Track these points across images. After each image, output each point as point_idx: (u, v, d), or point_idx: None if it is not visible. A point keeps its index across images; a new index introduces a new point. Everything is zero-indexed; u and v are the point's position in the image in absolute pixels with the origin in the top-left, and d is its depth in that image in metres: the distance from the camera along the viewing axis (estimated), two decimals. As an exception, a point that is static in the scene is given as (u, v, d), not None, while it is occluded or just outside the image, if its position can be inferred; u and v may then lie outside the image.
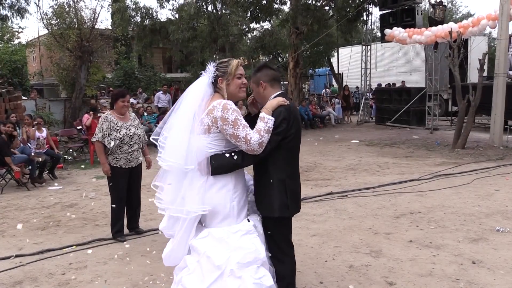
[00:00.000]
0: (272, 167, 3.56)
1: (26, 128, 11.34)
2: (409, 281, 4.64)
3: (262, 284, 3.35)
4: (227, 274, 3.34)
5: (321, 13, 22.82)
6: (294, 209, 3.67)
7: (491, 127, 13.84)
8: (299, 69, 23.55)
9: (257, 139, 3.33)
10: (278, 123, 3.45)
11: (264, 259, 3.45)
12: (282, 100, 3.53)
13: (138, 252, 5.72)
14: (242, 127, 3.33)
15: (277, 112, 3.48)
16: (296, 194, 3.71)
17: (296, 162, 3.76)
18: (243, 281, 3.32)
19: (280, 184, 3.56)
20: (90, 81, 19.94)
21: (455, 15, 49.93)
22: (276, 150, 3.50)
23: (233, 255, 3.36)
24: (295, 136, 3.59)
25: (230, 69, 3.54)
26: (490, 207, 7.24)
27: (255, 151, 3.37)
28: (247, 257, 3.36)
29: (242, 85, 3.60)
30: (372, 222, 6.64)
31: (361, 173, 10.28)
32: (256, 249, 3.40)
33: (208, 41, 23.22)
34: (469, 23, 15.71)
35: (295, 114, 3.62)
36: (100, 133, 6.21)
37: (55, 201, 8.75)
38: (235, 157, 3.42)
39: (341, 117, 22.59)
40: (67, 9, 18.87)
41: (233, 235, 3.40)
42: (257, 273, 3.38)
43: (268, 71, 3.72)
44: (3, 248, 6.12)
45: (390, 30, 18.65)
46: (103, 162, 6.27)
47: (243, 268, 3.34)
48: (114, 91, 7.00)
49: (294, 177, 3.70)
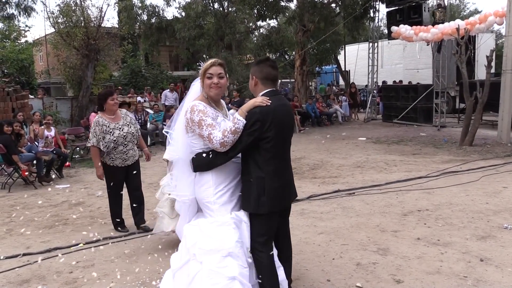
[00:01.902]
0: (252, 166, 3.69)
1: (34, 126, 11.37)
2: (416, 279, 4.62)
3: (219, 273, 3.53)
4: (192, 258, 3.67)
5: (328, 10, 22.79)
6: (271, 206, 3.68)
7: (498, 124, 13.76)
8: (306, 66, 23.56)
9: (219, 139, 3.52)
10: (251, 124, 3.56)
11: (232, 250, 3.58)
12: (260, 101, 3.61)
13: (146, 250, 5.73)
14: (206, 127, 3.57)
15: (251, 113, 3.59)
16: (277, 192, 3.71)
17: (279, 162, 3.74)
18: (203, 266, 3.58)
19: (259, 182, 3.66)
20: (96, 79, 20.00)
21: (462, 12, 49.73)
22: (255, 150, 3.65)
23: (199, 241, 3.65)
24: (274, 138, 3.62)
25: (202, 69, 3.78)
26: (498, 205, 7.20)
27: (218, 149, 3.57)
28: (210, 245, 3.59)
29: (212, 84, 3.75)
30: (379, 220, 6.63)
31: (368, 171, 10.25)
32: (222, 239, 3.59)
33: (215, 39, 23.20)
34: (476, 20, 15.62)
35: (278, 116, 3.63)
36: (94, 138, 6.32)
37: (62, 200, 8.78)
38: (210, 156, 3.65)
39: (348, 114, 22.52)
40: (73, 7, 18.92)
41: (209, 224, 3.68)
42: (220, 262, 3.56)
43: (265, 68, 3.78)
44: (11, 246, 6.15)
45: (396, 28, 18.58)
46: (97, 166, 6.43)
47: (205, 254, 3.59)
48: (101, 92, 7.04)
49: (276, 176, 3.70)
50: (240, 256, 3.62)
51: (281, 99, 3.83)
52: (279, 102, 3.70)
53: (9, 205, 8.51)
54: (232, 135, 3.52)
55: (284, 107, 3.77)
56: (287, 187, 3.86)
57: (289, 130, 3.85)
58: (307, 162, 11.62)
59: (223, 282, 3.52)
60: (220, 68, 3.78)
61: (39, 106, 17.22)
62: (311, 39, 24.66)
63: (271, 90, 3.76)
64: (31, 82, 25.29)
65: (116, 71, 27.77)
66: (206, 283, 3.54)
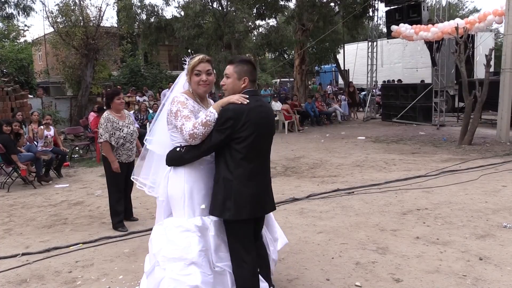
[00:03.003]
0: (222, 166, 3.53)
1: (33, 126, 11.36)
2: (416, 278, 4.62)
3: (180, 281, 3.47)
4: (156, 264, 3.66)
5: (327, 9, 22.80)
6: (237, 213, 3.47)
7: (498, 123, 13.77)
8: (305, 65, 23.57)
9: (188, 129, 3.41)
10: (223, 121, 3.41)
11: (195, 260, 3.50)
12: (236, 98, 3.45)
13: (145, 250, 5.70)
14: (181, 117, 3.49)
15: (224, 109, 3.44)
16: (245, 199, 3.49)
17: (252, 166, 3.52)
18: (166, 273, 3.55)
19: (226, 185, 3.49)
20: (96, 79, 20.01)
21: (461, 11, 49.73)
22: (226, 149, 3.49)
23: (164, 247, 3.61)
24: (247, 140, 3.44)
25: (189, 65, 3.71)
26: (497, 203, 7.20)
27: (188, 141, 3.47)
28: (173, 253, 3.55)
29: (201, 82, 3.70)
30: (378, 219, 6.63)
31: (368, 170, 10.25)
32: (185, 247, 3.53)
33: (214, 38, 23.20)
34: (475, 18, 15.63)
35: (254, 117, 3.45)
36: (106, 133, 6.48)
37: (61, 199, 8.77)
38: (182, 150, 3.54)
39: (347, 114, 22.53)
40: (72, 7, 18.93)
41: (174, 228, 3.61)
42: (182, 270, 3.50)
43: (254, 71, 3.68)
44: (10, 246, 6.14)
45: (396, 27, 18.57)
46: (113, 160, 6.53)
47: (168, 262, 3.56)
48: (108, 91, 7.31)
49: (246, 181, 3.49)
50: (203, 265, 3.54)
51: (260, 100, 3.67)
52: (257, 103, 3.55)
53: (8, 205, 8.50)
54: (203, 127, 3.40)
55: (262, 109, 3.58)
56: (260, 196, 3.60)
57: (266, 135, 3.63)
58: (307, 161, 11.62)
59: None
60: (208, 65, 3.73)
61: (38, 105, 17.22)
62: (310, 38, 24.65)
63: (251, 90, 3.62)
64: (30, 81, 25.22)
65: (115, 71, 27.78)
66: None
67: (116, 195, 6.74)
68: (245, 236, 3.60)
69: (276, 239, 4.25)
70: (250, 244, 3.63)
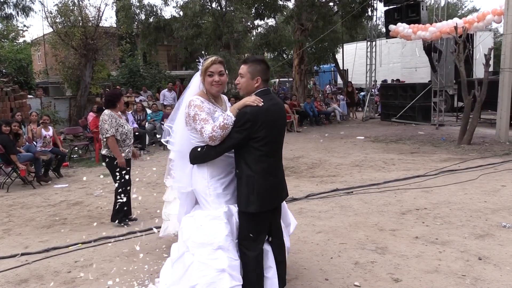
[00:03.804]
0: (243, 163, 3.73)
1: (32, 126, 11.36)
2: (415, 278, 4.63)
3: (209, 265, 3.65)
4: (186, 250, 3.84)
5: (326, 9, 22.78)
6: (260, 206, 3.70)
7: (497, 123, 13.78)
8: (304, 65, 23.54)
9: (208, 133, 3.60)
10: (242, 123, 3.59)
11: (222, 244, 3.69)
12: (252, 100, 3.63)
13: (144, 250, 5.72)
14: (199, 121, 3.67)
15: (242, 112, 3.61)
16: (267, 192, 3.73)
17: (270, 161, 3.76)
18: (195, 257, 3.72)
19: (248, 180, 3.70)
20: (95, 79, 20.00)
21: (460, 10, 49.73)
22: (245, 148, 3.69)
23: (193, 234, 3.79)
24: (265, 138, 3.65)
25: (203, 67, 3.86)
26: (496, 203, 7.21)
27: (208, 143, 3.66)
28: (201, 239, 3.73)
29: (214, 82, 3.86)
30: (377, 219, 6.63)
31: (367, 170, 10.25)
32: (214, 233, 3.71)
33: (213, 38, 23.19)
34: (474, 18, 15.63)
35: (269, 117, 3.66)
36: (112, 128, 6.78)
37: (60, 199, 8.77)
38: (204, 149, 3.73)
39: (346, 113, 22.53)
40: (71, 7, 18.92)
41: (203, 218, 3.80)
42: (210, 255, 3.69)
43: (267, 71, 3.84)
44: (9, 246, 6.14)
45: (394, 26, 18.57)
46: (119, 155, 6.79)
47: (198, 247, 3.74)
48: (115, 92, 7.63)
49: (266, 175, 3.72)
50: (230, 250, 3.72)
51: (273, 98, 3.85)
52: (271, 102, 3.73)
53: (8, 205, 8.50)
54: (221, 130, 3.58)
55: (276, 107, 3.79)
56: (278, 187, 3.89)
57: (281, 130, 3.88)
58: (305, 161, 11.63)
59: (212, 274, 3.64)
60: (221, 66, 3.87)
61: (37, 105, 17.22)
62: (309, 38, 24.61)
63: (264, 89, 3.79)
64: (29, 82, 25.24)
65: (114, 71, 27.74)
66: (196, 275, 3.67)
67: (125, 189, 6.88)
68: (264, 227, 3.86)
69: (288, 224, 4.48)
70: (263, 235, 3.87)
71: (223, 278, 3.63)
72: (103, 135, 6.82)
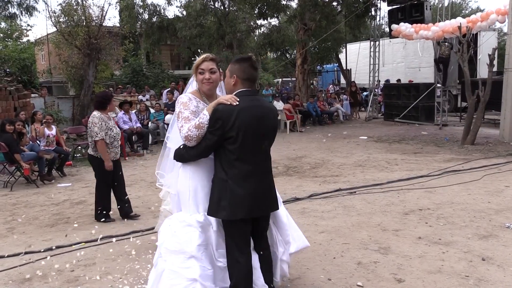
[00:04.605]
0: (218, 166, 3.61)
1: (36, 125, 11.37)
2: (418, 278, 4.62)
3: (179, 273, 3.60)
4: (159, 256, 3.82)
5: (329, 9, 22.76)
6: (231, 214, 3.51)
7: (501, 123, 13.76)
8: (307, 65, 23.54)
9: (184, 132, 3.53)
10: (213, 122, 3.48)
11: (194, 254, 3.62)
12: (226, 99, 3.50)
13: (146, 249, 5.73)
14: (181, 119, 3.62)
15: (214, 110, 3.49)
16: (239, 200, 3.50)
17: (246, 167, 3.54)
18: (167, 265, 3.69)
19: (221, 184, 3.55)
20: (98, 78, 20.00)
21: (464, 10, 49.66)
22: (220, 149, 3.56)
23: (166, 240, 3.76)
24: (239, 140, 3.46)
25: (194, 64, 3.84)
26: (500, 204, 7.19)
27: (185, 143, 3.59)
28: (173, 246, 3.69)
29: (204, 80, 3.80)
30: (380, 219, 6.62)
31: (370, 170, 10.25)
32: (186, 241, 3.64)
33: (216, 37, 23.19)
34: (478, 17, 15.62)
35: (245, 117, 3.46)
36: (102, 131, 6.91)
37: (64, 198, 8.79)
38: (184, 148, 3.66)
39: (349, 113, 22.51)
40: (75, 6, 18.93)
41: (178, 222, 3.75)
42: (183, 263, 3.63)
43: (247, 69, 3.64)
44: (13, 245, 6.15)
45: (396, 26, 18.56)
46: (107, 158, 6.92)
47: (170, 254, 3.70)
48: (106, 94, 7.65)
49: (241, 182, 3.52)
50: (203, 259, 3.63)
51: (256, 100, 3.66)
52: (251, 103, 3.56)
53: (11, 204, 8.52)
54: (196, 129, 3.49)
55: (257, 109, 3.57)
56: (256, 197, 3.58)
57: (260, 134, 3.59)
58: (308, 161, 11.62)
59: (184, 283, 3.58)
60: (212, 63, 3.81)
61: (41, 105, 17.24)
62: (312, 38, 24.61)
63: (246, 90, 3.62)
64: (33, 81, 25.27)
65: (118, 70, 27.78)
66: (167, 283, 3.64)
67: (105, 191, 7.15)
68: (240, 236, 3.64)
69: (287, 242, 4.20)
70: (245, 244, 3.67)
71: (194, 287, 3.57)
72: (92, 138, 6.96)
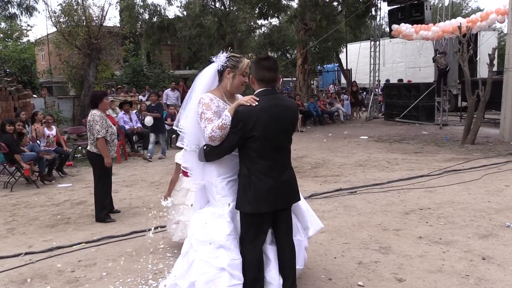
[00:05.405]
0: (242, 163, 3.79)
1: (36, 125, 11.37)
2: (418, 278, 4.62)
3: (210, 263, 3.74)
4: (191, 246, 3.95)
5: (330, 9, 22.78)
6: (256, 207, 3.70)
7: (501, 123, 13.75)
8: (308, 65, 23.54)
9: (208, 133, 3.66)
10: (234, 123, 3.63)
11: (223, 243, 3.76)
12: (245, 100, 3.67)
13: (147, 249, 5.73)
14: (204, 120, 3.72)
15: (235, 112, 3.64)
16: (263, 193, 3.69)
17: (268, 162, 3.72)
18: (197, 255, 3.83)
19: (245, 180, 3.74)
20: (98, 78, 20.04)
21: (464, 10, 49.65)
22: (243, 148, 3.73)
23: (197, 232, 3.90)
24: (260, 138, 3.63)
25: (241, 65, 3.89)
26: (500, 203, 7.19)
27: (209, 143, 3.71)
28: (203, 236, 3.83)
29: (244, 82, 3.95)
30: (381, 219, 6.62)
31: (370, 169, 10.24)
32: (216, 231, 3.79)
33: (216, 37, 23.22)
34: (477, 17, 15.62)
35: (265, 116, 3.62)
36: (103, 129, 7.02)
37: (64, 199, 8.79)
38: (208, 148, 3.77)
39: (350, 113, 22.51)
40: (75, 7, 18.95)
41: (209, 215, 3.90)
42: (212, 253, 3.77)
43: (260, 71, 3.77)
44: (13, 245, 6.15)
45: (397, 26, 18.55)
46: (107, 155, 7.06)
47: (199, 244, 3.84)
48: (96, 93, 7.84)
49: (263, 176, 3.70)
50: (232, 248, 3.78)
51: (276, 98, 3.79)
52: (270, 102, 3.70)
53: (11, 204, 8.51)
54: (219, 130, 3.62)
55: (275, 108, 3.71)
56: (279, 189, 3.77)
57: (280, 131, 3.75)
58: (309, 161, 11.62)
59: (212, 272, 3.71)
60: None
61: (41, 105, 17.23)
62: (312, 38, 24.64)
63: (265, 89, 3.76)
64: (33, 81, 25.29)
65: (118, 70, 27.80)
66: (197, 272, 3.77)
67: (105, 189, 7.25)
68: (258, 228, 3.83)
69: (306, 227, 4.43)
70: (261, 236, 3.86)
71: (222, 276, 3.69)
72: (94, 135, 7.02)
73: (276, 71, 3.81)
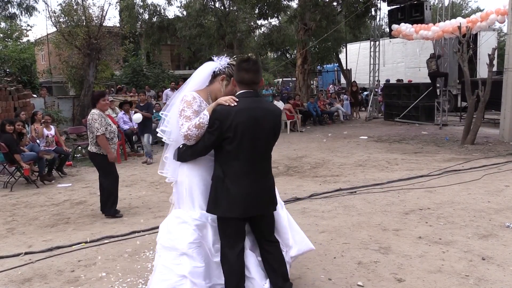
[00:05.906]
0: (217, 164, 3.70)
1: (36, 125, 11.37)
2: (418, 278, 4.62)
3: (171, 270, 3.71)
4: (156, 251, 3.97)
5: (330, 9, 22.79)
6: (227, 211, 3.60)
7: (500, 123, 13.75)
8: (307, 65, 23.54)
9: (184, 131, 3.62)
10: (211, 123, 3.56)
11: (185, 251, 3.70)
12: (224, 100, 3.59)
13: (147, 249, 5.73)
14: (183, 117, 3.69)
15: (212, 111, 3.59)
16: (235, 198, 3.57)
17: (243, 166, 3.60)
18: (160, 260, 3.83)
19: (218, 182, 3.64)
20: (98, 78, 20.04)
21: (464, 10, 49.65)
22: (219, 149, 3.64)
23: (162, 236, 3.90)
24: (236, 140, 3.53)
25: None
26: (500, 203, 7.19)
27: (184, 142, 3.68)
28: (166, 242, 3.82)
29: (234, 92, 3.82)
30: (381, 219, 6.62)
31: (370, 169, 10.24)
32: (177, 238, 3.75)
33: (216, 37, 23.21)
34: (477, 17, 15.62)
35: (242, 118, 3.52)
36: (102, 127, 7.18)
37: (64, 199, 8.79)
38: (183, 148, 3.75)
39: (349, 113, 22.50)
40: (75, 6, 18.96)
41: (174, 219, 3.86)
42: (174, 259, 3.74)
43: (240, 72, 3.69)
44: (13, 245, 6.15)
45: (397, 26, 18.55)
46: (110, 151, 7.22)
47: (163, 250, 3.84)
48: (93, 93, 8.23)
49: (238, 180, 3.59)
50: (194, 257, 3.70)
51: (257, 101, 3.68)
52: (250, 105, 3.60)
53: (11, 204, 8.52)
54: (196, 129, 3.58)
55: (256, 110, 3.61)
56: (252, 196, 3.63)
57: (258, 135, 3.61)
58: (309, 161, 11.62)
59: (173, 279, 3.68)
60: None
61: (41, 105, 17.24)
62: (312, 38, 24.63)
63: (245, 91, 3.67)
64: (33, 81, 25.28)
65: (118, 70, 27.79)
66: (158, 278, 3.75)
67: (115, 184, 7.45)
68: (232, 234, 3.71)
69: (287, 246, 4.16)
70: (236, 242, 3.73)
71: (183, 284, 3.65)
72: (93, 133, 7.16)
73: (256, 73, 3.68)
